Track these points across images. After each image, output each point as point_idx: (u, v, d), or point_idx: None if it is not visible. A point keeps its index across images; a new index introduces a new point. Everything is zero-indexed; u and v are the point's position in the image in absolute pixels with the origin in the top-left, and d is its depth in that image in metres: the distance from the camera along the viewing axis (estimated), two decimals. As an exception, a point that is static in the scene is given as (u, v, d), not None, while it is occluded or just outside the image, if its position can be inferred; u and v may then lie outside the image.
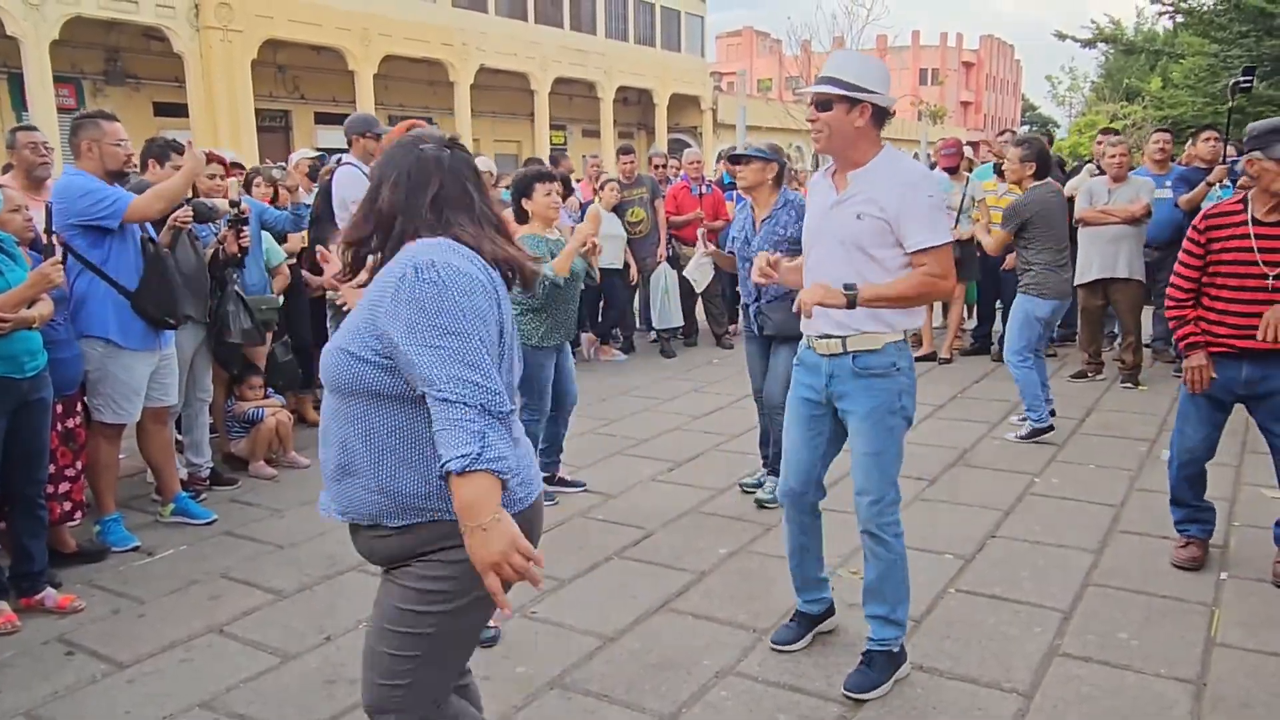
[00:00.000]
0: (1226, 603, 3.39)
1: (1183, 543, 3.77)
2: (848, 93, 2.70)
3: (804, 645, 3.12)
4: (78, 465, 4.02)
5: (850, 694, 2.83)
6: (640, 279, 8.48)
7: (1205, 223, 3.50)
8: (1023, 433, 5.51)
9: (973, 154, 9.99)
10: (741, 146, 12.10)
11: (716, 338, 8.86)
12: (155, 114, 18.26)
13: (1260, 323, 3.32)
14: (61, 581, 3.68)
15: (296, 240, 5.90)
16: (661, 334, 8.57)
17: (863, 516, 2.88)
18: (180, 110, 17.70)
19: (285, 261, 5.68)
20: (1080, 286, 6.47)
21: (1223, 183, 6.55)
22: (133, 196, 3.97)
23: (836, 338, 2.82)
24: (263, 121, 18.95)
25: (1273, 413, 3.50)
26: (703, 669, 3.01)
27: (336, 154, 6.41)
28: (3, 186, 3.69)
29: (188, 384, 4.66)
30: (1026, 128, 59.03)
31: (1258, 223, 3.38)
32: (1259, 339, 3.33)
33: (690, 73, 30.11)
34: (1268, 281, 3.35)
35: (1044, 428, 5.46)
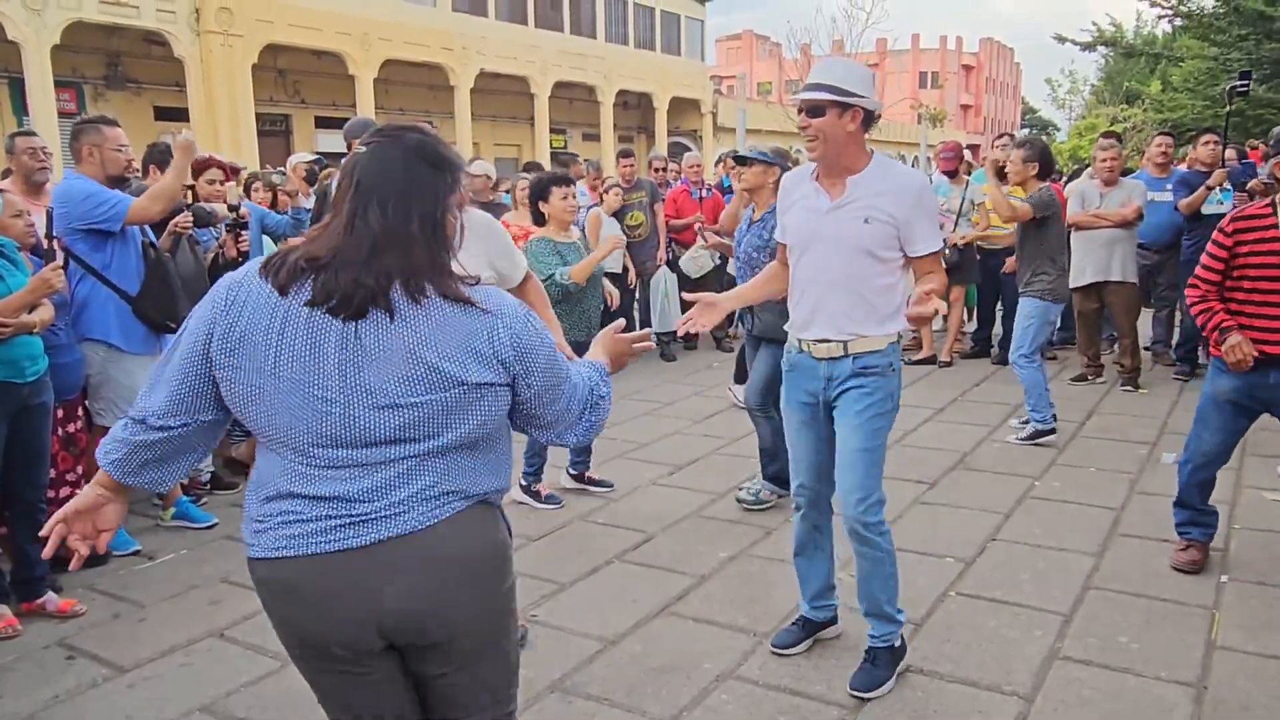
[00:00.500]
0: (1227, 606, 3.39)
1: (1183, 545, 3.76)
2: (839, 98, 2.71)
3: (804, 650, 3.12)
4: (79, 470, 4.02)
5: (858, 693, 2.83)
6: (640, 282, 8.49)
7: (1233, 225, 3.45)
8: (1024, 434, 5.51)
9: (971, 157, 10.00)
10: (743, 150, 12.13)
11: (716, 341, 8.86)
12: (156, 118, 18.26)
13: None
14: (62, 586, 3.68)
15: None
16: (661, 337, 8.57)
17: (850, 515, 2.86)
18: (181, 115, 17.70)
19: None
20: (1075, 290, 6.47)
21: (1222, 186, 6.55)
22: (128, 202, 3.98)
23: (836, 342, 2.83)
24: (263, 126, 18.96)
25: None
26: (703, 673, 3.02)
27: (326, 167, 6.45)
28: (4, 192, 3.70)
29: (188, 388, 4.66)
30: (1026, 131, 59.08)
31: None
32: None
33: (690, 76, 30.12)
34: None
35: (1047, 430, 5.46)
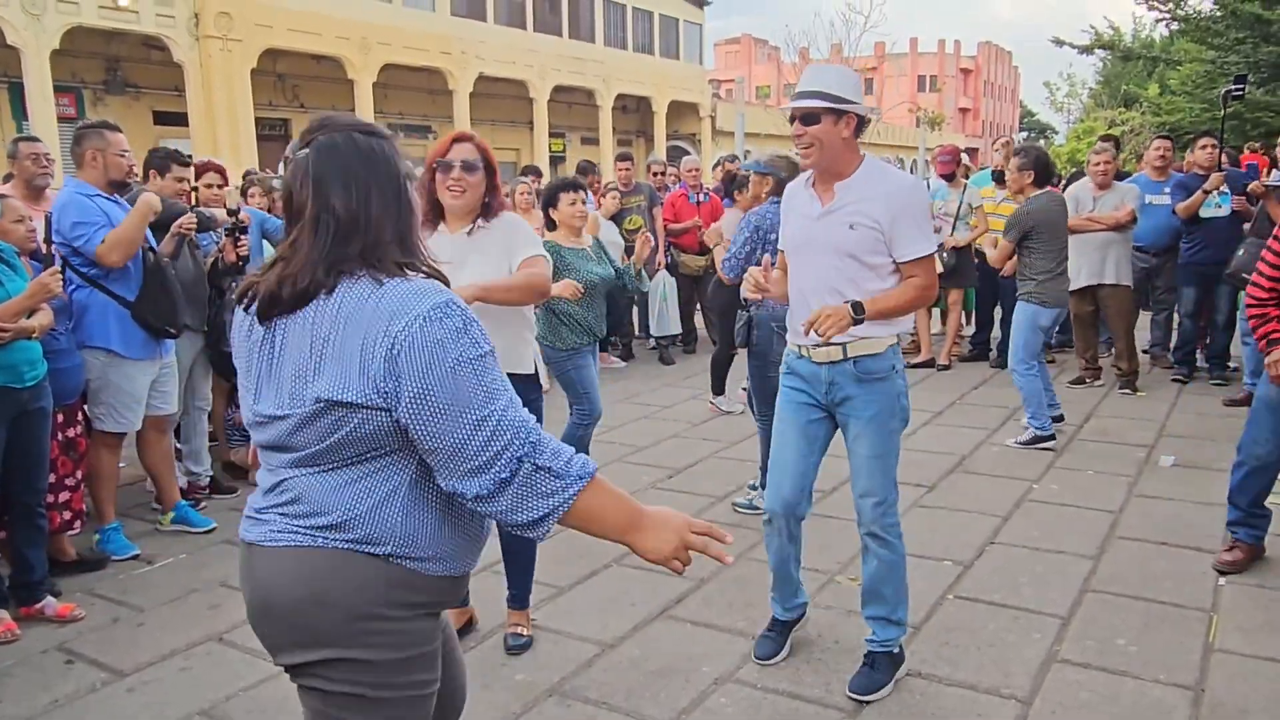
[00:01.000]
0: (1225, 608, 3.39)
1: (1229, 545, 3.76)
2: (834, 104, 2.71)
3: (785, 655, 3.12)
4: (78, 474, 4.03)
5: (856, 695, 2.84)
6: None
7: None
8: (1023, 439, 5.52)
9: (969, 161, 10.02)
10: (740, 153, 12.15)
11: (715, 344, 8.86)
12: (155, 123, 18.30)
13: None
14: (61, 590, 3.69)
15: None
16: (660, 341, 8.58)
17: (867, 519, 2.89)
18: (180, 119, 17.75)
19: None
20: (1070, 293, 6.48)
21: (1220, 190, 6.56)
22: (101, 238, 3.88)
23: (836, 345, 2.83)
24: (262, 130, 18.99)
25: None
26: (702, 676, 3.02)
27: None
28: (6, 197, 3.70)
29: (186, 392, 4.67)
30: (1024, 135, 59.22)
31: None
32: None
33: (689, 80, 30.17)
34: None
35: (1045, 435, 5.47)
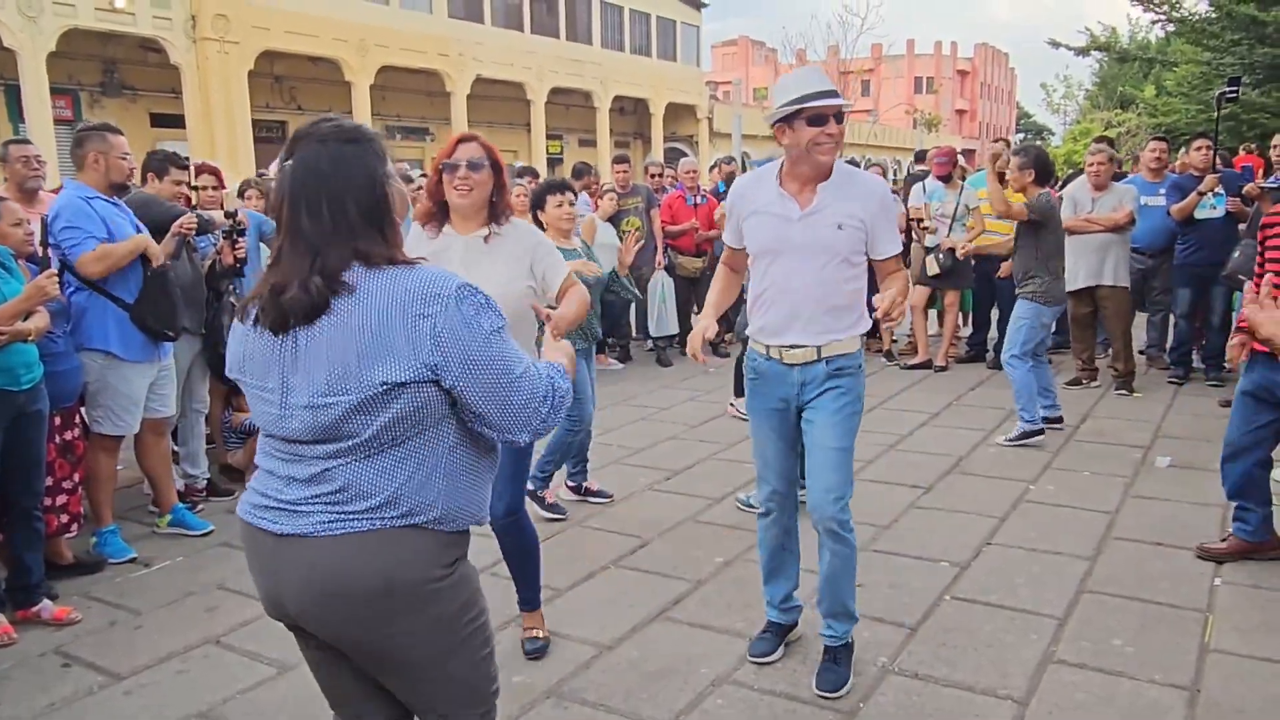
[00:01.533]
0: (1221, 609, 3.40)
1: (1224, 536, 3.88)
2: (845, 105, 2.76)
3: (780, 656, 3.12)
4: (75, 477, 4.02)
5: (828, 693, 2.85)
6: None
7: None
8: (1012, 435, 5.54)
9: (965, 162, 10.03)
10: (738, 155, 12.17)
11: (713, 346, 8.86)
12: (152, 125, 18.28)
13: None
14: (58, 593, 3.69)
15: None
16: (658, 342, 8.58)
17: (827, 514, 2.86)
18: (177, 121, 17.74)
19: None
20: (1068, 294, 6.51)
21: (1215, 191, 6.58)
22: (89, 247, 3.87)
23: (811, 347, 2.84)
24: (260, 132, 18.96)
25: None
26: (699, 677, 3.02)
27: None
28: (4, 200, 3.70)
29: (184, 395, 4.67)
30: (1021, 136, 59.29)
31: None
32: None
33: (686, 82, 30.20)
34: None
35: (1034, 430, 5.50)
